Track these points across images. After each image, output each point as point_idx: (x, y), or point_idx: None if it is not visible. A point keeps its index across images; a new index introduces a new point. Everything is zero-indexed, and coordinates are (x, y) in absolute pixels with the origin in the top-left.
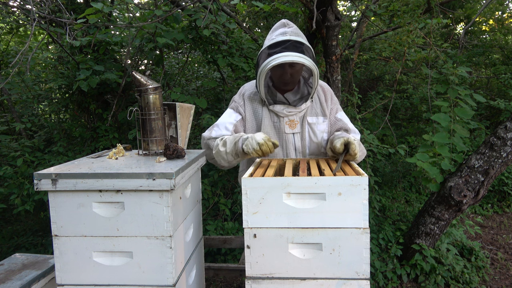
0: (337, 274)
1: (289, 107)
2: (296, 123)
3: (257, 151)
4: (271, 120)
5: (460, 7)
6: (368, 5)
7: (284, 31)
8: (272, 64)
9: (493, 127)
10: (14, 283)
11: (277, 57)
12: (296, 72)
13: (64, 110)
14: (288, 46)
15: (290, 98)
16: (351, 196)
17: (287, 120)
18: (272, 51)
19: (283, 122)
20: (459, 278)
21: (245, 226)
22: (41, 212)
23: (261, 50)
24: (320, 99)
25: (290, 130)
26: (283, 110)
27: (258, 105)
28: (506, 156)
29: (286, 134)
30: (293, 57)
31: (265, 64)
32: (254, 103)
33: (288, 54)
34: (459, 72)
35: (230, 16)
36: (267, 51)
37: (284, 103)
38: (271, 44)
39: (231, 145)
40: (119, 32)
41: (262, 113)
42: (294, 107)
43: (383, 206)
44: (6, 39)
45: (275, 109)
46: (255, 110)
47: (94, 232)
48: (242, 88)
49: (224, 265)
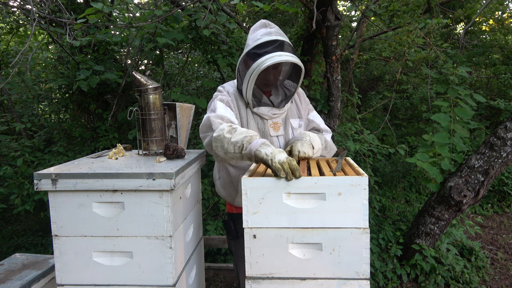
0: (337, 274)
1: (273, 109)
2: (279, 125)
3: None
4: (256, 123)
5: (460, 7)
6: (368, 5)
7: (268, 31)
8: (267, 64)
9: (493, 127)
10: (14, 283)
11: (271, 56)
12: (281, 73)
13: (64, 110)
14: (278, 46)
15: (274, 100)
16: (351, 196)
17: (271, 123)
18: (262, 51)
19: (267, 125)
20: (459, 278)
21: (245, 226)
22: (41, 212)
23: (247, 51)
24: (295, 100)
25: (274, 133)
26: (268, 112)
27: (242, 108)
28: (506, 156)
29: (271, 137)
30: (287, 57)
31: (259, 63)
32: (238, 105)
33: (282, 54)
34: (459, 72)
35: (230, 16)
36: (256, 51)
37: (268, 105)
38: (259, 44)
39: (240, 136)
40: (119, 32)
41: (247, 116)
42: (278, 109)
43: (383, 206)
44: (6, 39)
45: (259, 111)
46: (241, 112)
47: (94, 232)
48: (222, 87)
49: (224, 265)
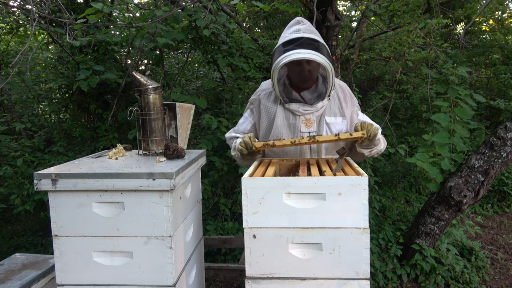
0: (337, 274)
1: (305, 105)
2: (313, 122)
3: (241, 143)
4: (286, 119)
5: (460, 7)
6: (368, 5)
7: (297, 28)
8: (284, 61)
9: (493, 127)
10: (14, 283)
11: (289, 54)
12: (312, 69)
13: (64, 110)
14: (301, 43)
15: (307, 96)
16: (351, 196)
17: (303, 119)
18: (286, 49)
19: (299, 121)
20: (459, 278)
21: (245, 226)
22: (41, 212)
23: (275, 48)
24: (339, 99)
25: (306, 129)
26: (298, 108)
27: (273, 104)
28: (506, 156)
29: (302, 133)
30: (305, 54)
31: (278, 61)
32: (269, 102)
33: (300, 51)
34: (459, 72)
35: (230, 16)
36: (281, 48)
37: (299, 101)
38: (285, 41)
39: (235, 150)
40: (119, 32)
41: (276, 111)
42: (310, 106)
43: (383, 206)
44: (6, 39)
45: (290, 107)
46: (269, 109)
47: (94, 232)
48: (260, 85)
49: (224, 265)
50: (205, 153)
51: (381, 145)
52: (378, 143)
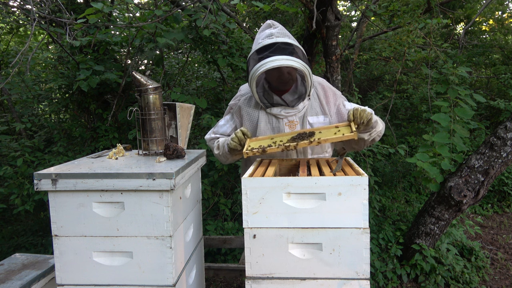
0: (337, 274)
1: (286, 108)
2: (296, 123)
3: (233, 139)
4: (269, 123)
5: (460, 7)
6: (368, 5)
7: (270, 32)
8: (260, 71)
9: (493, 127)
10: (14, 283)
11: (265, 63)
12: (290, 71)
13: (64, 110)
14: (276, 49)
15: (288, 98)
16: (351, 196)
17: (287, 121)
18: (260, 56)
19: (282, 124)
20: (459, 278)
21: (245, 226)
22: (41, 212)
23: (250, 55)
24: (319, 97)
25: (290, 131)
26: (281, 111)
27: (254, 110)
28: (506, 156)
29: None
30: (280, 61)
31: (254, 70)
32: (249, 107)
33: (275, 59)
34: (459, 72)
35: (230, 16)
36: (256, 56)
37: (281, 104)
38: (259, 48)
39: (222, 148)
40: (119, 32)
41: (259, 116)
42: (292, 108)
43: (383, 206)
44: (6, 39)
45: (272, 111)
46: (250, 114)
47: (94, 232)
48: (239, 89)
49: (224, 265)
50: (205, 153)
51: (379, 126)
52: (375, 125)
